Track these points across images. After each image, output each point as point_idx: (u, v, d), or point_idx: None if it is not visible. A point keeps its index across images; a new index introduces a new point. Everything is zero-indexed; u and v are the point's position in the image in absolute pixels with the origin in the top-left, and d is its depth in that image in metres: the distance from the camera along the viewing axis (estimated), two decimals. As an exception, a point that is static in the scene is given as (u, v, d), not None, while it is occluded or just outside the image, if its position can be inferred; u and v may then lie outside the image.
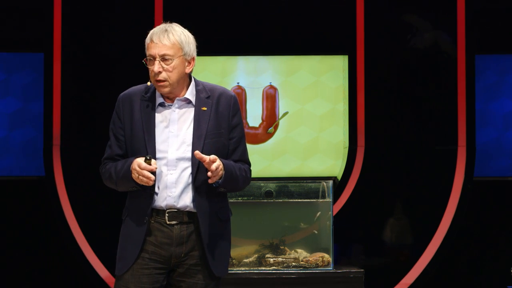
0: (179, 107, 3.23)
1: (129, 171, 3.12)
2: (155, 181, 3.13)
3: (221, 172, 3.11)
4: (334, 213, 5.67)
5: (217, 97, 3.25)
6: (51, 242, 6.03)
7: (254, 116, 6.12)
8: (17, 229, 6.08)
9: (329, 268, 5.23)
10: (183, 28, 3.23)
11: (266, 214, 5.33)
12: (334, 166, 6.08)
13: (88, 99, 5.98)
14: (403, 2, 6.09)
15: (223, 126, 3.23)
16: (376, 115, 6.02)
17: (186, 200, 3.17)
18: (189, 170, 3.17)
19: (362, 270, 5.26)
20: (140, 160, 3.10)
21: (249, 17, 6.04)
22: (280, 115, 6.11)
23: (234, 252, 5.28)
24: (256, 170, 6.03)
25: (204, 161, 3.07)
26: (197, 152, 3.08)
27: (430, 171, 6.00)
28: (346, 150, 6.01)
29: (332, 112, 6.10)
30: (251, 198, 5.33)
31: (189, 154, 3.17)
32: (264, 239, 5.32)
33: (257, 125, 6.12)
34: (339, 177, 6.00)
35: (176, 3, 6.00)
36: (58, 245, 5.97)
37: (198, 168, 3.16)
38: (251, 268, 5.24)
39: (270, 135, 6.12)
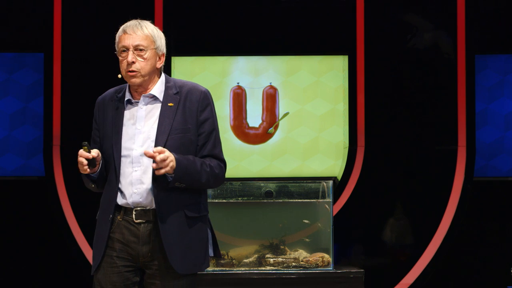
0: (146, 104, 3.21)
1: None
2: (119, 177, 3.13)
3: (171, 164, 3.02)
4: (334, 213, 5.67)
5: (185, 93, 3.21)
6: (51, 242, 6.03)
7: (254, 116, 6.12)
8: (17, 229, 6.08)
9: (329, 268, 5.23)
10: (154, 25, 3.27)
11: (266, 214, 5.32)
12: (334, 166, 6.08)
13: (88, 99, 5.97)
14: (403, 2, 6.09)
15: (190, 122, 3.17)
16: (376, 115, 6.02)
17: (151, 198, 3.14)
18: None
19: (362, 270, 5.26)
20: (81, 149, 3.11)
21: (249, 17, 6.04)
22: (281, 116, 6.11)
23: (234, 252, 5.28)
24: (256, 170, 6.05)
25: (155, 157, 3.02)
26: (146, 151, 3.03)
27: (430, 171, 5.99)
28: (346, 150, 6.01)
29: (332, 112, 6.10)
30: (251, 198, 5.33)
31: None
32: (264, 239, 5.31)
33: (257, 125, 6.11)
34: (339, 177, 6.00)
35: (176, 3, 6.00)
36: (58, 245, 5.97)
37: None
38: (251, 268, 5.24)
39: (270, 135, 6.12)
